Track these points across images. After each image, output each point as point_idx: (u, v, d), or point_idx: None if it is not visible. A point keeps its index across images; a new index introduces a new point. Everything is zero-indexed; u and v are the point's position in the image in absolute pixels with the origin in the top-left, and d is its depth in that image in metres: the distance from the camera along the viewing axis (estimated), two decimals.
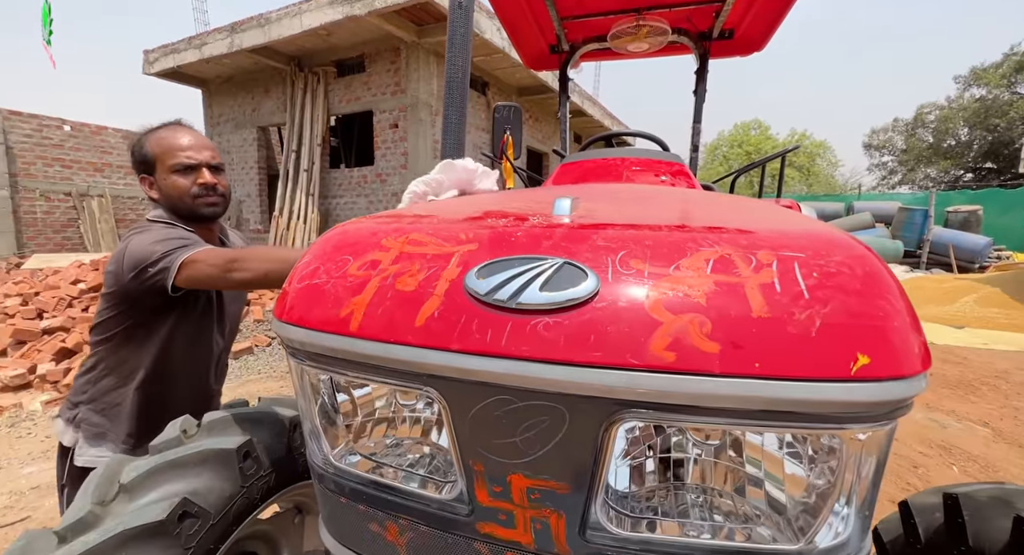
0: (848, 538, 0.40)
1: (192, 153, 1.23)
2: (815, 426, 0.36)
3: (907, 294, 0.40)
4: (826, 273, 0.37)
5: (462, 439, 0.42)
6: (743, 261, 0.38)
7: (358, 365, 0.44)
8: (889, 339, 0.34)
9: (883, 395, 0.33)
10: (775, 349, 0.34)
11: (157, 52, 10.30)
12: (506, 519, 0.43)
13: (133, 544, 0.87)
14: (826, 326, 0.34)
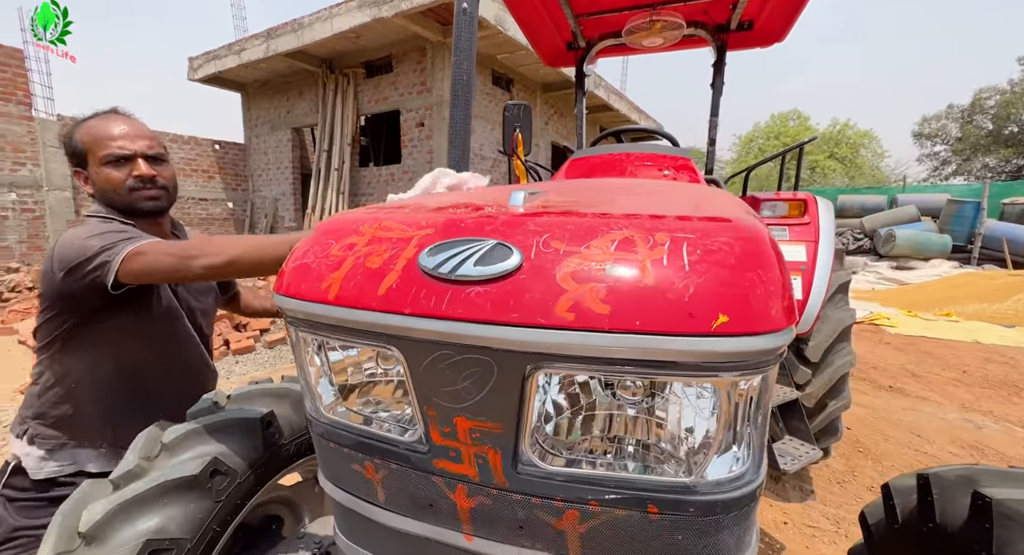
0: (734, 471, 0.48)
1: (124, 142, 1.12)
2: (691, 374, 0.44)
3: (785, 268, 0.47)
4: (707, 251, 0.44)
5: (418, 388, 0.52)
6: (643, 241, 0.46)
7: (336, 328, 0.54)
8: (748, 302, 0.41)
9: (740, 347, 0.41)
10: (654, 310, 0.42)
11: (200, 59, 10.86)
12: (455, 455, 0.52)
13: (172, 493, 1.01)
14: (696, 292, 0.42)
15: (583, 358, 0.44)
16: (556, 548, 0.53)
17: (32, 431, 1.14)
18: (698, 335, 0.41)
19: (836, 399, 2.41)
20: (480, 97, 9.61)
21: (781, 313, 0.43)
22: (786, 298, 0.44)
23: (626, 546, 0.51)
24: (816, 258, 2.36)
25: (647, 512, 0.49)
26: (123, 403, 1.19)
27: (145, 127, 1.19)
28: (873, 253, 12.81)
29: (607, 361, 0.44)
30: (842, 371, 2.37)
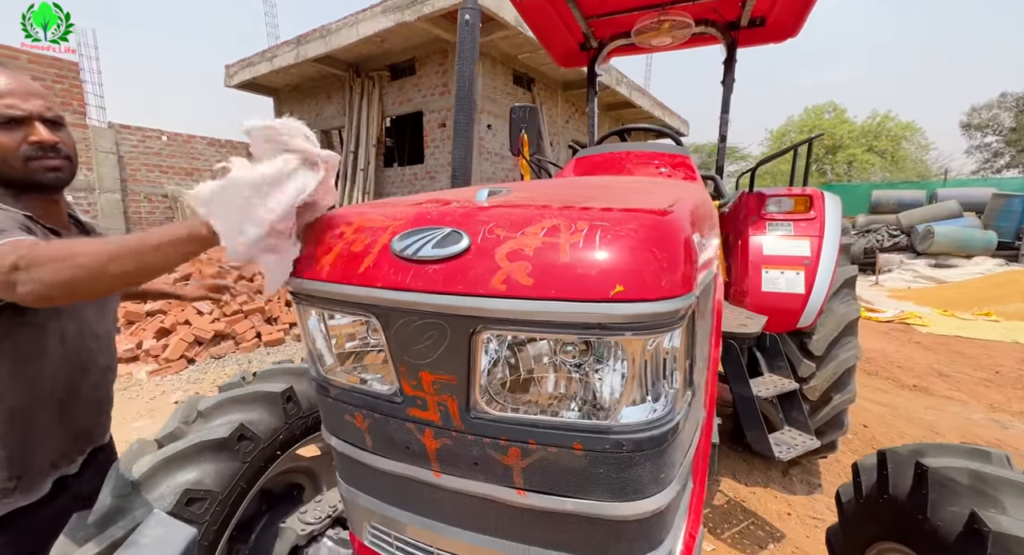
0: (646, 416, 0.58)
1: (15, 100, 0.91)
2: (599, 334, 0.55)
3: (690, 249, 0.57)
4: (615, 235, 0.55)
5: (392, 348, 0.64)
6: (566, 228, 0.57)
7: (328, 301, 0.67)
8: (642, 275, 0.52)
9: (633, 311, 0.51)
10: (566, 282, 0.53)
11: (236, 66, 11.36)
12: (422, 404, 0.65)
13: (206, 453, 1.17)
14: (600, 268, 0.53)
15: (514, 321, 0.56)
16: (505, 481, 0.65)
17: None
18: (599, 301, 0.52)
19: (841, 393, 2.43)
20: (501, 97, 9.74)
21: (674, 284, 0.53)
22: (681, 272, 0.54)
23: (559, 478, 0.62)
24: (820, 253, 2.39)
25: (573, 449, 0.60)
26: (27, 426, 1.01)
27: (33, 84, 0.97)
28: (910, 250, 12.30)
29: (532, 323, 0.55)
30: (847, 365, 2.39)
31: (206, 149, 11.43)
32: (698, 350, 0.75)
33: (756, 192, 2.73)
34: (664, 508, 0.66)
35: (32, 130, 0.94)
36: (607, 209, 0.60)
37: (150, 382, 4.16)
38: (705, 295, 0.80)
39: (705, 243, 0.78)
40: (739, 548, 2.21)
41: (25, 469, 1.05)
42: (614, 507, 0.62)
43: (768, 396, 2.08)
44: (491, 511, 0.68)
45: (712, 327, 0.95)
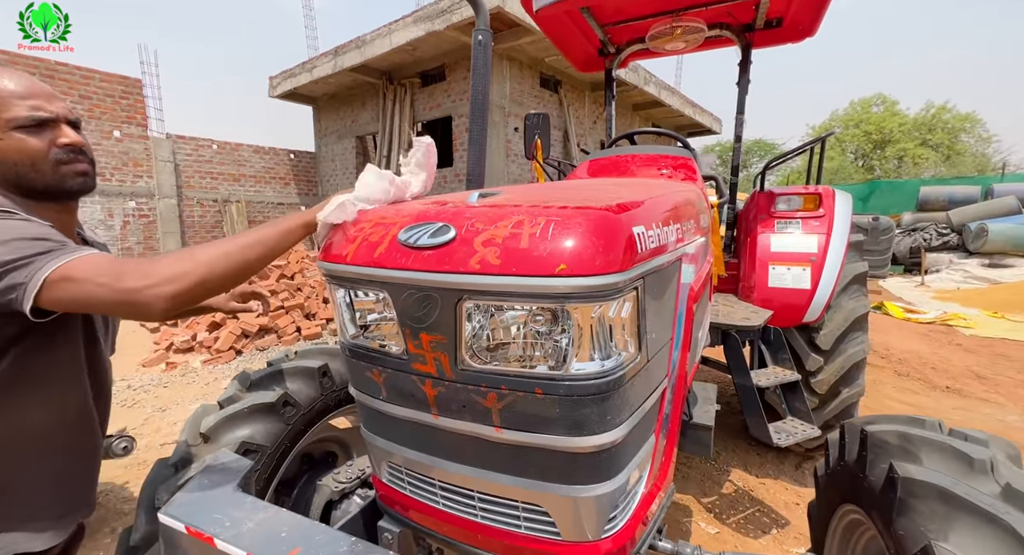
0: (591, 368, 0.75)
1: (41, 103, 0.89)
2: (552, 302, 0.72)
3: (630, 239, 0.74)
4: (564, 228, 0.72)
5: (399, 316, 0.83)
6: (529, 223, 0.75)
7: (351, 280, 0.87)
8: (579, 257, 0.69)
9: (572, 284, 0.68)
10: (524, 262, 0.71)
11: (278, 77, 12.02)
12: (422, 360, 0.84)
13: (257, 414, 1.41)
14: (548, 251, 0.70)
15: (486, 292, 0.74)
16: (486, 420, 0.83)
17: None
18: (546, 276, 0.69)
19: (849, 386, 2.48)
20: (528, 100, 9.93)
21: (608, 264, 0.70)
22: (615, 256, 0.71)
23: (527, 417, 0.80)
24: (827, 250, 2.45)
25: (535, 393, 0.78)
26: (69, 448, 0.98)
27: (47, 86, 0.95)
28: (961, 249, 11.67)
29: (500, 293, 0.73)
30: (855, 359, 2.44)
31: (251, 156, 12.15)
32: (651, 324, 0.91)
33: (767, 191, 2.81)
34: (611, 446, 0.82)
35: (60, 132, 0.91)
36: (564, 207, 0.78)
37: (204, 370, 4.58)
38: (661, 278, 0.95)
39: (661, 234, 0.94)
40: (743, 532, 2.30)
41: (63, 495, 0.99)
42: (569, 441, 0.79)
43: (768, 386, 2.18)
44: (477, 446, 0.87)
45: (677, 310, 1.10)
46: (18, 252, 0.74)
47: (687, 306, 1.18)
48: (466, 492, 0.93)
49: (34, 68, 9.46)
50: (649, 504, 1.03)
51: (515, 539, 0.91)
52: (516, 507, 0.89)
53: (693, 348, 1.31)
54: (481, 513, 0.94)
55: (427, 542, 1.05)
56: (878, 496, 0.94)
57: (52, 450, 0.95)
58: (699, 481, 2.74)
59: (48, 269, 0.74)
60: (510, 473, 0.86)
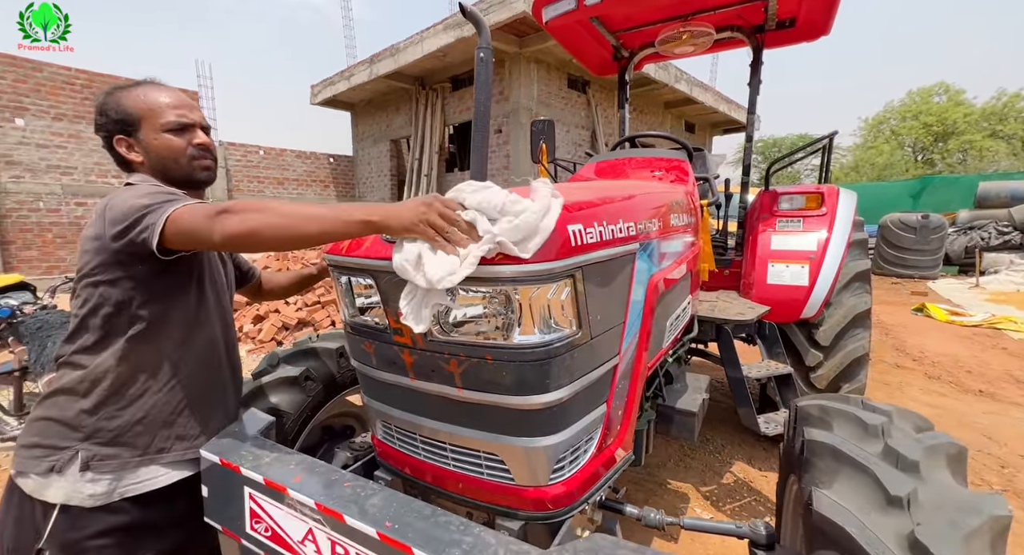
0: (531, 339, 0.93)
1: (185, 111, 1.16)
2: (497, 286, 0.90)
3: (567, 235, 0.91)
4: None
5: (382, 297, 1.04)
6: None
7: (346, 268, 1.09)
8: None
9: (506, 270, 0.87)
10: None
11: (319, 85, 12.66)
12: (400, 331, 1.04)
13: (283, 385, 1.65)
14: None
15: None
16: (450, 382, 1.02)
17: (85, 456, 0.99)
18: (489, 264, 0.88)
19: (850, 382, 2.52)
20: (555, 101, 10.06)
21: (541, 256, 0.88)
22: (544, 248, 0.89)
23: (482, 379, 0.98)
24: (826, 248, 2.50)
25: (486, 359, 0.96)
26: (194, 387, 1.15)
27: (189, 99, 1.21)
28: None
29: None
30: (854, 355, 2.48)
31: (294, 161, 12.88)
32: (595, 307, 1.07)
33: (771, 190, 2.87)
34: (554, 405, 0.99)
35: (195, 134, 1.17)
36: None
37: (248, 358, 5.02)
38: (606, 269, 1.11)
39: (606, 231, 1.10)
40: (736, 518, 2.39)
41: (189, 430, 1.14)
42: (516, 399, 0.97)
43: (758, 377, 2.26)
44: (446, 404, 1.06)
45: (631, 298, 1.25)
46: (153, 198, 0.96)
47: (646, 295, 1.33)
48: (440, 444, 1.13)
49: (108, 84, 10.42)
50: (600, 463, 1.19)
51: (479, 483, 1.10)
52: (479, 456, 1.08)
53: (656, 334, 1.45)
54: (453, 462, 1.13)
55: (414, 490, 1.26)
56: (797, 459, 1.07)
57: (188, 380, 1.13)
58: (700, 471, 2.83)
59: (171, 208, 0.94)
60: (472, 427, 1.05)
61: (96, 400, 1.02)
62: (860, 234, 2.66)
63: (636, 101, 12.53)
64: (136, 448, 1.05)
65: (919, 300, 7.65)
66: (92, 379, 1.02)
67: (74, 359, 1.04)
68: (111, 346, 1.03)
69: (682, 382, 2.15)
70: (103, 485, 1.01)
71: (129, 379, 1.04)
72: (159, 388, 1.08)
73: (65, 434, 1.01)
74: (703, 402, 2.02)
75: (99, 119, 1.13)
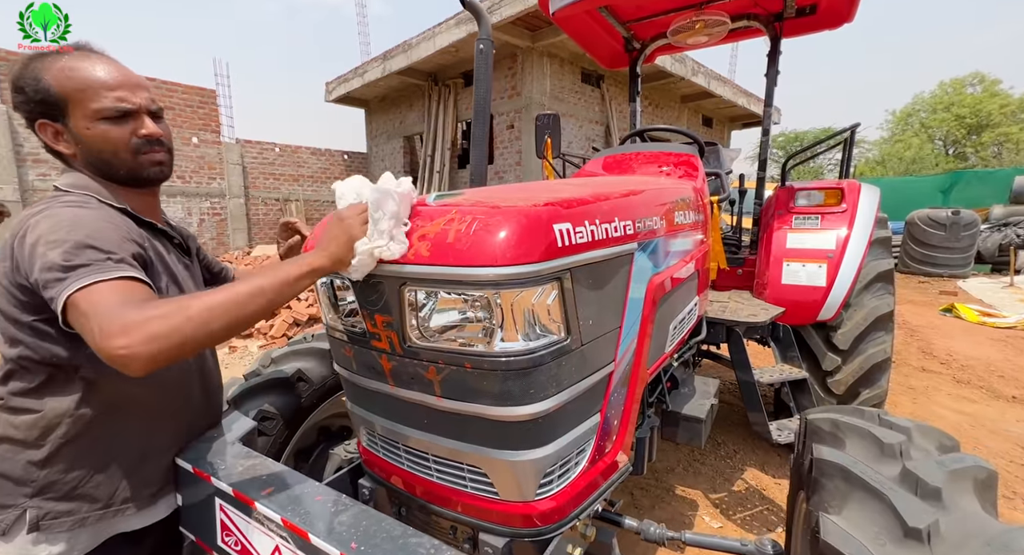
0: (512, 347, 0.87)
1: (126, 93, 0.91)
2: (476, 289, 0.84)
3: (544, 232, 0.84)
4: (485, 224, 0.84)
5: (359, 300, 0.99)
6: (460, 220, 0.87)
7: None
8: (498, 250, 0.80)
9: (489, 273, 0.80)
10: (450, 254, 0.83)
11: (334, 83, 12.73)
12: (378, 336, 0.99)
13: (274, 387, 1.62)
14: (470, 244, 0.82)
15: (420, 279, 0.87)
16: (430, 390, 0.96)
17: (34, 515, 0.85)
18: (467, 266, 0.81)
19: (869, 388, 2.39)
20: (568, 96, 9.92)
21: (522, 257, 0.81)
22: (532, 248, 0.82)
23: (462, 388, 0.92)
24: (846, 246, 2.38)
25: (465, 368, 0.90)
26: (164, 424, 1.01)
27: (134, 72, 0.95)
28: None
29: (430, 281, 0.86)
30: (875, 360, 2.35)
31: (309, 158, 12.99)
32: (587, 312, 1.00)
33: (787, 186, 2.74)
34: (539, 417, 0.93)
35: (141, 122, 0.94)
36: (495, 206, 0.89)
37: (259, 353, 5.07)
38: (598, 270, 1.04)
39: (599, 230, 1.02)
40: (746, 528, 2.30)
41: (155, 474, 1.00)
42: (497, 410, 0.91)
43: (770, 382, 2.16)
44: (427, 413, 1.01)
45: (628, 301, 1.17)
46: (65, 258, 0.75)
47: (646, 297, 1.25)
48: (423, 454, 1.07)
49: None
50: (593, 476, 1.12)
51: (462, 497, 1.04)
52: (462, 468, 1.02)
53: (658, 338, 1.37)
54: (436, 473, 1.07)
55: (397, 500, 1.21)
56: (806, 478, 0.98)
57: (156, 416, 0.98)
58: (710, 477, 2.74)
59: (70, 289, 0.73)
60: (454, 438, 0.99)
61: (50, 450, 0.86)
62: (883, 232, 2.52)
63: (652, 95, 12.29)
64: (96, 501, 0.90)
65: (948, 300, 7.33)
66: (44, 426, 0.85)
67: (16, 403, 0.86)
68: (64, 387, 0.86)
69: (690, 386, 2.06)
70: (59, 547, 0.87)
71: (90, 423, 0.88)
72: (124, 430, 0.93)
73: (10, 490, 0.85)
74: (711, 407, 1.93)
75: (15, 97, 0.89)
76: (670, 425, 1.85)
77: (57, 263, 0.75)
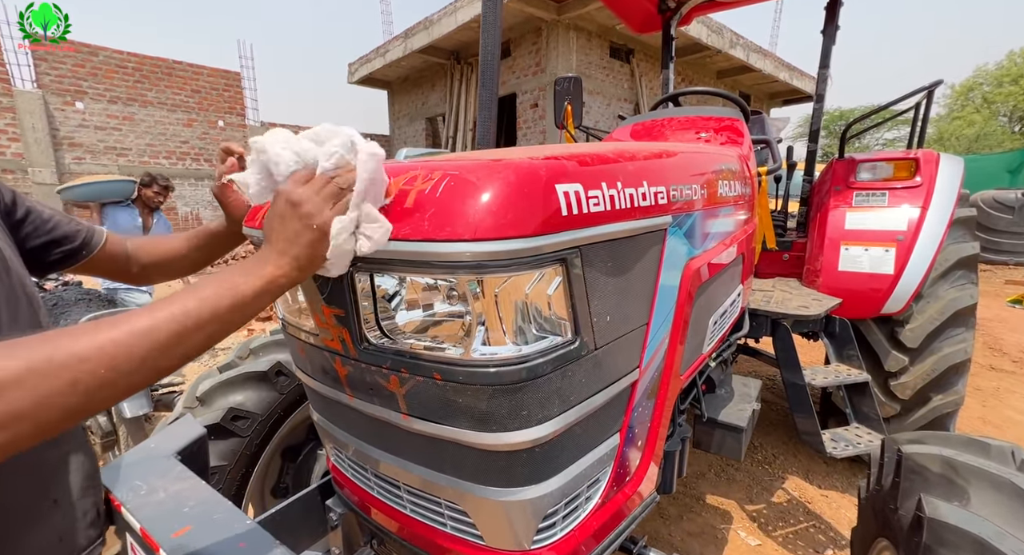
0: (498, 354, 0.62)
1: None
2: (446, 272, 0.60)
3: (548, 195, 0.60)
4: (463, 183, 0.59)
5: (303, 287, 0.76)
6: (423, 178, 0.63)
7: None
8: (474, 218, 0.56)
9: (461, 250, 0.55)
10: (412, 225, 0.59)
11: (356, 63, 12.57)
12: (328, 334, 0.76)
13: (251, 381, 1.43)
14: (437, 212, 0.58)
15: (375, 260, 0.63)
16: (393, 405, 0.73)
17: None
18: (431, 241, 0.57)
19: (943, 393, 2.05)
20: (596, 72, 9.43)
21: (511, 227, 0.56)
22: (526, 215, 0.57)
23: (431, 405, 0.69)
24: (920, 227, 2.02)
25: (435, 379, 0.66)
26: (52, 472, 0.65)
27: None
28: None
29: (389, 262, 0.63)
30: (951, 361, 2.01)
31: None
32: (604, 305, 0.75)
33: (847, 158, 2.37)
34: (536, 445, 0.69)
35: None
36: (475, 161, 0.64)
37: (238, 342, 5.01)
38: (621, 250, 0.78)
39: (621, 196, 0.76)
40: (789, 548, 2.02)
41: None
42: (477, 436, 0.67)
43: (826, 385, 1.85)
44: (393, 433, 0.78)
45: (658, 290, 0.91)
46: None
47: (681, 287, 0.99)
48: (394, 481, 0.85)
49: (156, 67, 10.74)
50: (609, 513, 0.88)
51: (441, 538, 0.82)
52: (439, 503, 0.80)
53: (695, 337, 1.10)
54: (410, 506, 0.86)
55: (369, 528, 1.00)
56: (906, 536, 0.71)
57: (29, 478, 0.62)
58: (746, 485, 2.46)
59: None
60: (427, 466, 0.77)
61: None
62: (966, 211, 2.13)
63: (685, 70, 11.60)
64: None
65: (1016, 290, 6.66)
66: None
67: None
68: None
69: (727, 388, 1.79)
70: None
71: None
72: None
73: None
74: (753, 413, 1.65)
75: None
76: (704, 435, 1.59)
77: None
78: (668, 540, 2.09)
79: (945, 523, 0.62)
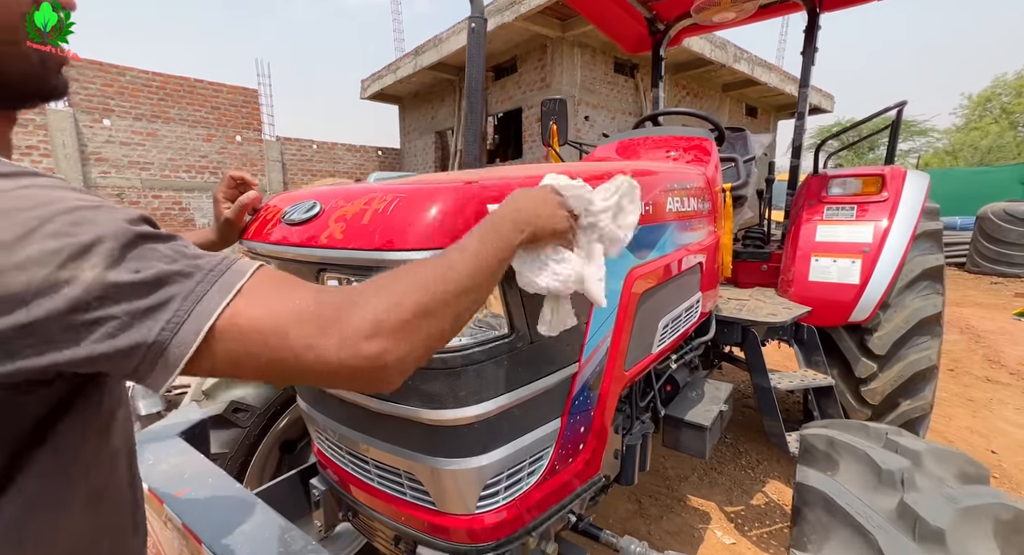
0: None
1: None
2: None
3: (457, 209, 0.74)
4: (403, 203, 0.74)
5: None
6: (380, 200, 0.78)
7: (254, 255, 0.97)
8: (414, 231, 0.70)
9: (394, 257, 0.70)
10: (364, 237, 0.74)
11: (369, 80, 12.97)
12: None
13: None
14: (386, 227, 0.72)
15: (334, 264, 0.78)
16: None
17: None
18: (381, 250, 0.72)
19: (911, 398, 2.13)
20: (600, 86, 9.64)
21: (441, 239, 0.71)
22: (455, 229, 0.72)
23: None
24: (884, 239, 2.12)
25: None
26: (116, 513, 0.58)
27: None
28: None
29: (344, 266, 0.77)
30: (917, 367, 2.09)
31: (345, 154, 13.32)
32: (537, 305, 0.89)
33: (820, 173, 2.48)
34: (476, 421, 0.82)
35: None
36: (415, 186, 0.79)
37: None
38: None
39: None
40: (762, 547, 2.10)
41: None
42: (423, 413, 0.81)
43: (789, 389, 1.95)
44: (359, 413, 0.92)
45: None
46: (143, 270, 0.40)
47: (623, 292, 1.12)
48: (363, 457, 0.99)
49: (179, 85, 11.22)
50: (552, 487, 1.01)
51: (402, 505, 0.96)
52: (400, 475, 0.94)
53: (640, 337, 1.23)
54: (377, 479, 0.99)
55: (345, 503, 1.14)
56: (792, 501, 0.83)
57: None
58: (727, 488, 2.53)
59: (209, 315, 0.41)
60: (386, 440, 0.91)
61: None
62: (932, 224, 2.23)
63: (690, 84, 11.77)
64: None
65: (1022, 304, 6.60)
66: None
67: None
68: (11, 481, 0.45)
69: (698, 390, 1.89)
70: None
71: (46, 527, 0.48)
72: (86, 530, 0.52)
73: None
74: (719, 414, 1.75)
75: None
76: (671, 432, 1.69)
77: (128, 281, 0.39)
78: (647, 538, 2.17)
79: (806, 485, 0.74)
